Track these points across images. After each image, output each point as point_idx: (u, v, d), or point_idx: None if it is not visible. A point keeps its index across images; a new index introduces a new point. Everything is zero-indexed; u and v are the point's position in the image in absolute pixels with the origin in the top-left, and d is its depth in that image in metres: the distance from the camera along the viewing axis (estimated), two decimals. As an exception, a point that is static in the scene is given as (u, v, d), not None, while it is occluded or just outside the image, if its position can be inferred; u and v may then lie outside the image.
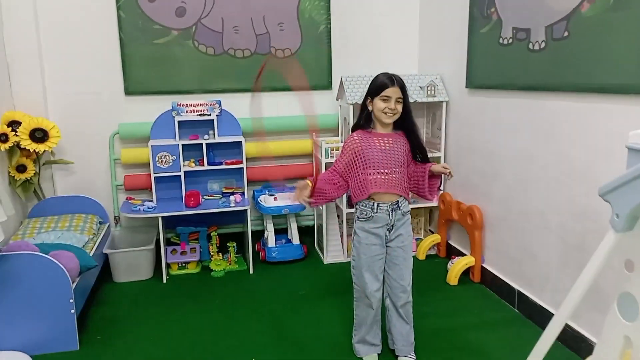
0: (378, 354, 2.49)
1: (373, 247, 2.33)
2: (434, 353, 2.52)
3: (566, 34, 2.41)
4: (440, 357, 2.50)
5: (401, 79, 2.26)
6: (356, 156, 2.28)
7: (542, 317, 2.71)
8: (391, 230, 2.33)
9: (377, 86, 2.25)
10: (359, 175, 2.28)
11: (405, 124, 2.33)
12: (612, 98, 2.19)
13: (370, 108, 2.30)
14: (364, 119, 2.34)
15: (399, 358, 2.44)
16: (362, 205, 2.32)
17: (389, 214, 2.29)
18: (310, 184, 2.25)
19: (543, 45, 2.57)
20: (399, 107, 2.26)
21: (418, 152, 2.34)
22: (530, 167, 2.79)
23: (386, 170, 2.27)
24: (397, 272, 2.37)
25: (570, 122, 2.47)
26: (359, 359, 2.48)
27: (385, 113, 2.24)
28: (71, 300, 2.54)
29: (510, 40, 2.84)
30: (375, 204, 2.28)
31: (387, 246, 2.37)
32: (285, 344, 2.64)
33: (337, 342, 2.63)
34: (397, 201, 2.29)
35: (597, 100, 2.28)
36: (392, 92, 2.22)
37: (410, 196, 2.41)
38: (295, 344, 2.64)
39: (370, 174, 2.26)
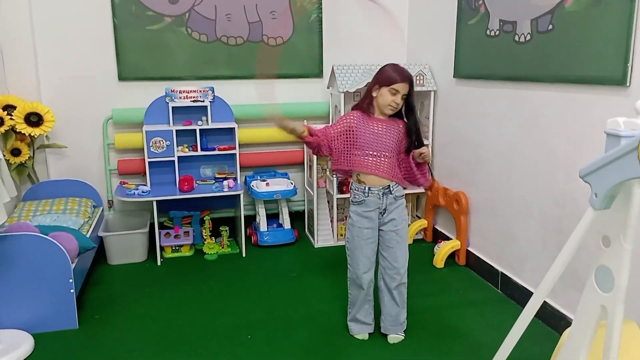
0: (370, 333, 2.61)
1: (365, 231, 2.44)
2: (421, 330, 2.65)
3: (550, 27, 2.52)
4: (426, 334, 2.62)
5: (412, 76, 2.35)
6: (349, 131, 2.37)
7: (523, 296, 2.86)
8: (384, 214, 2.43)
9: (389, 77, 2.32)
10: (346, 149, 2.37)
11: (408, 117, 2.42)
12: (592, 89, 2.32)
13: (374, 95, 2.38)
14: (367, 104, 2.42)
15: (388, 336, 2.56)
16: (355, 190, 2.43)
17: (380, 198, 2.40)
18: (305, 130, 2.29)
19: (528, 37, 2.69)
20: (402, 103, 2.35)
21: (416, 141, 2.42)
22: (514, 155, 2.92)
23: (375, 153, 2.37)
24: (391, 254, 2.48)
25: (552, 112, 2.59)
26: (351, 336, 2.60)
27: (390, 105, 2.33)
28: (71, 280, 2.61)
29: (497, 32, 2.95)
30: (367, 188, 2.39)
31: (380, 229, 2.48)
32: (278, 322, 2.75)
33: (329, 320, 2.75)
34: (389, 186, 2.40)
35: (578, 91, 2.40)
36: (402, 87, 2.31)
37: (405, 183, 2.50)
38: (289, 322, 2.75)
39: (358, 154, 2.37)
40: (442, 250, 3.44)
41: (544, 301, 2.07)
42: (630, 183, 1.18)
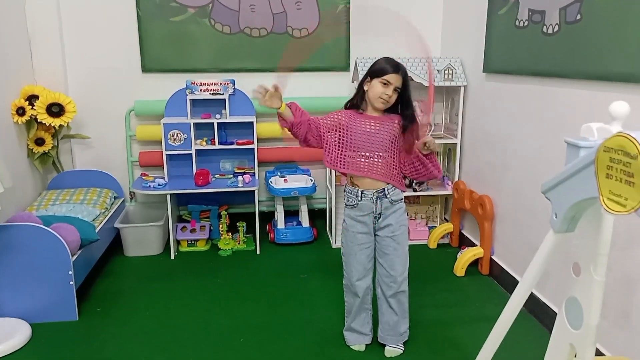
0: (367, 344, 2.45)
1: (359, 236, 2.28)
2: (423, 345, 2.46)
3: (579, 17, 2.24)
4: (428, 349, 2.43)
5: (405, 68, 2.17)
6: (339, 129, 2.21)
7: (544, 314, 2.61)
8: (379, 218, 2.26)
9: (380, 69, 2.16)
10: (337, 149, 2.21)
11: (404, 112, 2.22)
12: (622, 87, 2.03)
13: (365, 88, 2.21)
14: (358, 99, 2.26)
15: (385, 347, 2.40)
16: (349, 193, 2.28)
17: (374, 202, 2.23)
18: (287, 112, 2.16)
19: (557, 28, 2.41)
20: (394, 97, 2.17)
21: (406, 139, 2.21)
22: (540, 161, 2.65)
23: (368, 154, 2.19)
24: (387, 261, 2.31)
25: (579, 112, 2.31)
26: (349, 347, 2.45)
27: (381, 98, 2.16)
28: (70, 272, 2.61)
29: (526, 23, 2.68)
30: (360, 192, 2.23)
31: (376, 235, 2.31)
32: (275, 326, 2.64)
33: (327, 327, 2.61)
34: (384, 189, 2.22)
35: (607, 89, 2.12)
36: (394, 79, 2.13)
37: (416, 182, 2.31)
38: (286, 327, 2.63)
39: (351, 156, 2.20)
40: (463, 258, 3.21)
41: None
42: (599, 206, 0.96)
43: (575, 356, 1.21)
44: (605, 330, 2.12)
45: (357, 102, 2.25)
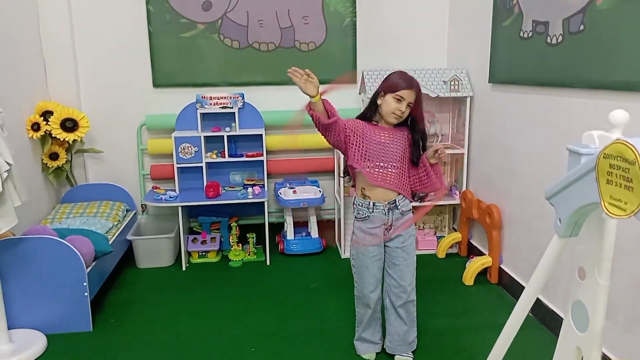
0: (377, 352, 2.47)
1: (371, 248, 2.31)
2: (433, 354, 2.48)
3: (582, 27, 2.28)
4: (438, 358, 2.45)
5: (418, 84, 2.20)
6: (357, 135, 2.21)
7: (553, 321, 2.61)
8: (389, 229, 2.29)
9: (394, 84, 2.17)
10: (354, 154, 2.22)
11: (414, 128, 2.26)
12: (625, 95, 2.06)
13: (379, 102, 2.24)
14: (372, 113, 2.28)
15: (395, 357, 2.41)
16: (359, 205, 2.30)
17: (386, 214, 2.25)
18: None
19: (560, 39, 2.45)
20: (407, 112, 2.20)
21: (415, 153, 2.25)
22: (547, 168, 2.67)
23: (383, 164, 2.22)
24: (397, 272, 2.33)
25: (584, 121, 2.34)
26: (358, 356, 2.47)
27: (394, 113, 2.19)
28: (85, 284, 2.66)
29: (530, 34, 2.72)
30: (371, 203, 2.25)
31: (386, 246, 2.33)
32: (286, 335, 2.67)
33: (338, 336, 2.64)
34: (395, 200, 2.25)
35: (610, 98, 2.16)
36: (407, 94, 2.16)
37: (422, 195, 2.33)
38: (296, 336, 2.66)
39: (364, 165, 2.22)
40: (472, 267, 3.22)
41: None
42: (601, 211, 0.99)
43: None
44: (615, 335, 2.13)
45: (370, 116, 2.28)
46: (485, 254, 3.36)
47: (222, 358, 2.49)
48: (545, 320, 2.72)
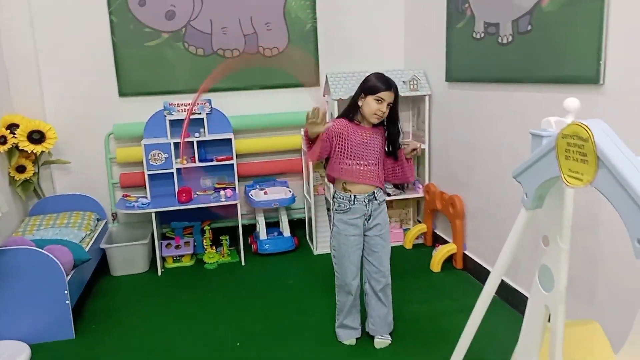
0: (357, 338, 2.62)
1: (352, 238, 2.45)
2: (410, 338, 2.63)
3: (530, 27, 2.50)
4: (416, 340, 2.61)
5: (396, 85, 2.36)
6: (342, 138, 2.37)
7: (517, 300, 2.82)
8: (369, 219, 2.45)
9: (374, 86, 2.33)
10: (338, 156, 2.39)
11: (390, 126, 2.43)
12: (569, 88, 2.29)
13: (360, 104, 2.39)
14: (354, 113, 2.43)
15: (375, 338, 2.57)
16: (340, 198, 2.44)
17: (366, 205, 2.41)
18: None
19: (510, 39, 2.67)
20: (387, 112, 2.36)
21: (391, 147, 2.45)
22: (505, 158, 2.89)
23: (364, 162, 2.38)
24: (377, 259, 2.49)
25: (537, 113, 2.56)
26: (341, 343, 2.60)
27: (376, 114, 2.34)
28: (66, 292, 2.69)
29: (482, 35, 2.94)
30: (352, 196, 2.40)
31: (365, 235, 2.49)
32: (271, 330, 2.77)
33: (321, 328, 2.75)
34: (374, 192, 2.42)
35: (557, 91, 2.38)
36: (387, 95, 2.32)
37: (392, 186, 2.51)
38: (282, 330, 2.77)
39: (348, 163, 2.38)
40: (438, 255, 3.42)
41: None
42: (561, 184, 1.17)
43: (549, 320, 1.41)
44: (573, 307, 2.35)
45: (352, 116, 2.42)
46: (449, 242, 3.57)
47: (210, 355, 2.56)
48: (509, 300, 2.93)
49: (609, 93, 2.06)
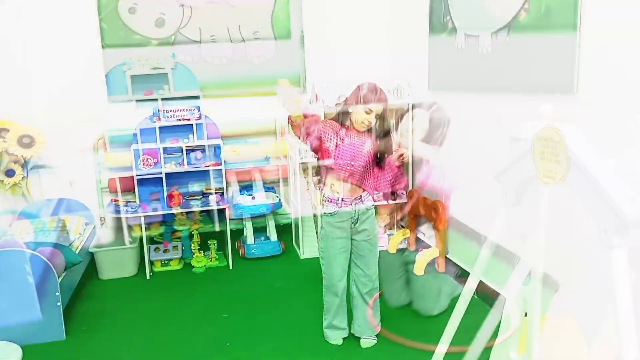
0: (344, 337, 2.70)
1: (339, 241, 2.54)
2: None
3: (508, 39, 2.64)
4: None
5: (387, 97, 2.44)
6: (331, 135, 2.44)
7: (496, 300, 2.92)
8: (356, 223, 2.53)
9: (364, 96, 2.40)
10: (328, 153, 2.46)
11: (381, 138, 2.51)
12: (545, 97, 2.42)
13: (350, 110, 2.47)
14: (342, 118, 2.50)
15: (361, 339, 2.65)
16: (328, 201, 2.53)
17: (353, 208, 2.50)
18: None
19: (490, 49, 2.80)
20: (374, 122, 2.44)
21: (381, 157, 2.53)
22: (484, 163, 3.00)
23: (353, 163, 2.46)
24: (364, 262, 2.58)
25: (515, 120, 2.68)
26: (328, 342, 2.68)
27: (363, 123, 2.43)
28: (57, 293, 2.73)
29: (463, 46, 3.07)
30: (340, 199, 2.49)
31: (353, 239, 2.57)
32: (259, 330, 2.85)
33: (307, 328, 2.84)
34: (361, 196, 2.51)
35: (534, 100, 2.50)
36: (376, 107, 2.41)
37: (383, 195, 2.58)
38: (269, 331, 2.84)
39: (339, 164, 2.46)
40: (422, 259, 3.51)
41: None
42: (537, 183, 1.28)
43: (526, 315, 1.52)
44: (549, 302, 2.47)
45: (342, 121, 2.49)
46: (432, 247, 3.67)
47: (200, 354, 2.62)
48: (487, 301, 3.03)
49: (583, 101, 2.19)
